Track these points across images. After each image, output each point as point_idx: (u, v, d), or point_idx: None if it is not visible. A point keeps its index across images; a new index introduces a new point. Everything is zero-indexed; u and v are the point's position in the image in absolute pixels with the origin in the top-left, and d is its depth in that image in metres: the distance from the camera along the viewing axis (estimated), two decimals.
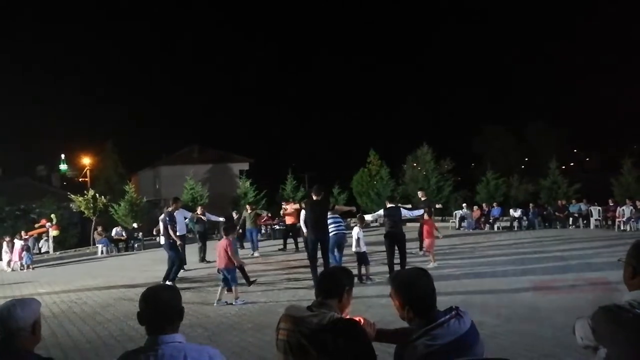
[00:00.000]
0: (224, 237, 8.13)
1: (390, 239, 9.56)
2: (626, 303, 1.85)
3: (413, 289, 2.10)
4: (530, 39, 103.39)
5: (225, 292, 7.91)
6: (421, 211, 11.56)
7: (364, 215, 10.86)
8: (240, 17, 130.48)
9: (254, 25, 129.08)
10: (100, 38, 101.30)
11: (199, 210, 13.93)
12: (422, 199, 14.12)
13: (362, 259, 9.23)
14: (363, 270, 9.15)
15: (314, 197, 8.94)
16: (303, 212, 10.11)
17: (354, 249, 9.36)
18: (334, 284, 2.32)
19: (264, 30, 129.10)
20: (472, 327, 2.06)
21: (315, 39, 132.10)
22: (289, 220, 15.18)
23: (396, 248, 9.51)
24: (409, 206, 13.54)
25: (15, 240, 15.69)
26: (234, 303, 7.69)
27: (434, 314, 2.06)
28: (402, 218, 10.01)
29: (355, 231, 9.38)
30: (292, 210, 14.78)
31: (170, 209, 10.54)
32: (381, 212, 10.16)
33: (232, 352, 5.34)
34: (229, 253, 7.81)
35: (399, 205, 10.59)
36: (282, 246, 15.11)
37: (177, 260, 9.81)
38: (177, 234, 10.06)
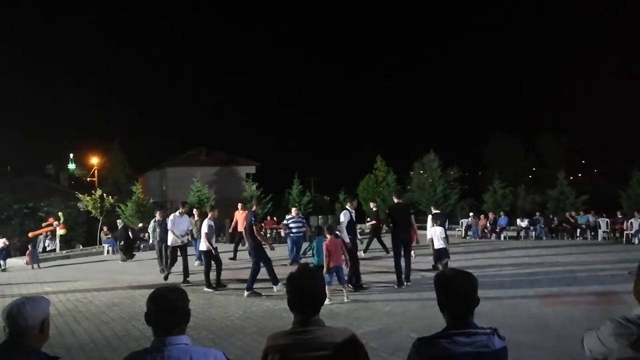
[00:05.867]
0: (330, 236, 8.28)
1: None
2: (636, 317, 1.83)
3: (446, 290, 2.04)
4: (541, 49, 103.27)
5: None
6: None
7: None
8: (249, 19, 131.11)
9: (262, 27, 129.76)
10: (109, 39, 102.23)
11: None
12: (374, 209, 14.81)
13: (442, 254, 9.60)
14: (439, 266, 9.43)
15: (396, 200, 9.34)
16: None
17: (436, 245, 9.65)
18: (319, 300, 2.12)
19: (273, 34, 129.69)
20: (502, 351, 1.97)
21: (323, 43, 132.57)
22: (241, 227, 13.31)
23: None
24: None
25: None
26: (345, 300, 7.87)
27: (467, 321, 1.98)
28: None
29: (437, 229, 9.74)
30: (245, 216, 12.74)
31: (253, 208, 9.51)
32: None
33: (235, 356, 5.33)
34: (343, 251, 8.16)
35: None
36: (232, 255, 13.53)
37: (260, 265, 8.74)
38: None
